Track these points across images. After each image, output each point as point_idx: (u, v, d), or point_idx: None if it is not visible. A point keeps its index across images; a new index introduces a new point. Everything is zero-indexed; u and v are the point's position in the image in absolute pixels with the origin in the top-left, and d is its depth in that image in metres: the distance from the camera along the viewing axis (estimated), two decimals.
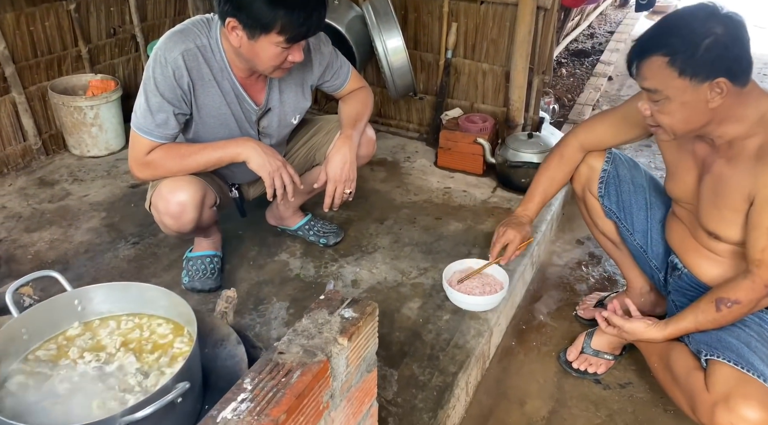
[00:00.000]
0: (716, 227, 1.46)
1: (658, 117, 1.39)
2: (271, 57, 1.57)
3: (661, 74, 1.32)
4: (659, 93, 1.35)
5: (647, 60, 1.34)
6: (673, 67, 1.30)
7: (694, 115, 1.35)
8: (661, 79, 1.33)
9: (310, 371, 0.83)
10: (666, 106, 1.36)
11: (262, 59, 1.58)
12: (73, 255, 2.19)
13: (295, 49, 1.58)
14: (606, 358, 1.80)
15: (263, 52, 1.56)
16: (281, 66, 1.62)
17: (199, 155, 1.68)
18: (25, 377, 1.15)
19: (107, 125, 2.87)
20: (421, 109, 3.08)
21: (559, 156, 1.84)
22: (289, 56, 1.59)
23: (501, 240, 1.85)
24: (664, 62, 1.31)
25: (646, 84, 1.36)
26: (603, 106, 3.69)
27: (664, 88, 1.33)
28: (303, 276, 2.09)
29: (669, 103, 1.35)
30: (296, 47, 1.58)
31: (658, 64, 1.32)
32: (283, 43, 1.55)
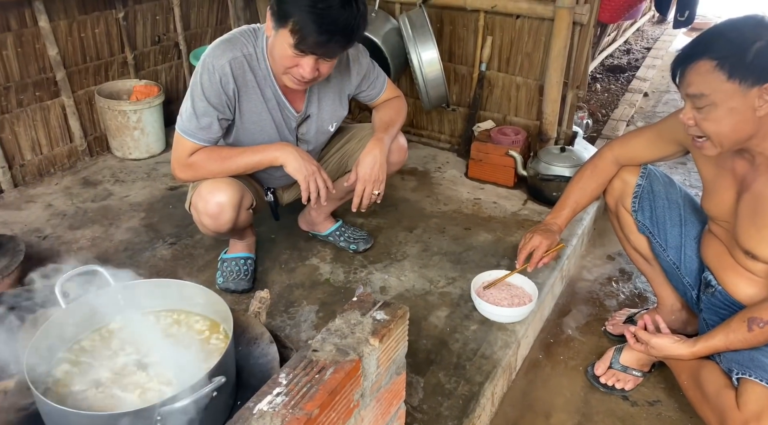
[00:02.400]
0: (754, 247, 1.44)
1: (703, 125, 1.37)
2: (282, 56, 1.59)
3: (709, 78, 1.30)
4: (705, 98, 1.32)
5: (694, 64, 1.32)
6: (722, 70, 1.29)
7: (741, 123, 1.33)
8: (708, 83, 1.31)
9: (343, 369, 0.86)
10: (712, 112, 1.34)
11: (276, 56, 1.61)
12: (113, 253, 2.27)
13: (306, 61, 1.58)
14: (634, 375, 1.79)
15: (278, 48, 1.59)
16: (290, 72, 1.63)
17: (239, 158, 1.74)
18: (70, 365, 1.21)
19: (149, 129, 2.97)
20: (453, 121, 3.11)
21: (593, 167, 1.85)
22: (299, 67, 1.60)
23: (527, 246, 1.85)
24: (711, 66, 1.30)
25: (692, 89, 1.35)
26: (638, 122, 3.66)
27: (710, 92, 1.31)
28: (332, 280, 2.13)
29: (715, 110, 1.33)
30: (307, 60, 1.58)
31: (706, 68, 1.30)
32: (293, 47, 1.55)
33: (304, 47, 1.55)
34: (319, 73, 1.64)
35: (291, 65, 1.62)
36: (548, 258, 1.88)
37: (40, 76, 2.69)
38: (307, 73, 1.61)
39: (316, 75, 1.64)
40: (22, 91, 2.64)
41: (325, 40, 1.53)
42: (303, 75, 1.62)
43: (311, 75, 1.62)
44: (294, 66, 1.62)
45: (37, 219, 2.48)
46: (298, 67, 1.61)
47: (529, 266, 1.87)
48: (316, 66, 1.62)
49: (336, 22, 1.52)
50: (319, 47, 1.56)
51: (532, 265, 1.86)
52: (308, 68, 1.60)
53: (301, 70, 1.61)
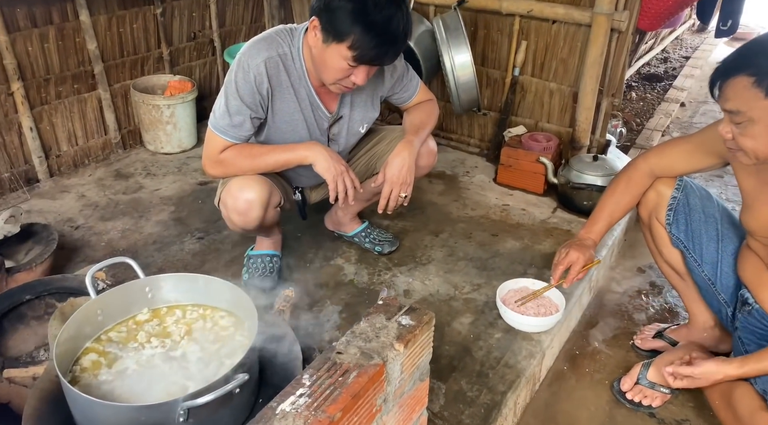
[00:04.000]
0: None
1: (740, 140, 1.35)
2: (336, 69, 1.61)
3: (746, 95, 1.28)
4: (742, 114, 1.30)
5: (731, 80, 1.30)
6: (759, 87, 1.26)
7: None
8: (746, 100, 1.28)
9: (366, 373, 0.85)
10: (749, 128, 1.31)
11: (328, 68, 1.63)
12: (143, 245, 2.30)
13: (360, 70, 1.61)
14: (662, 392, 1.74)
15: (330, 60, 1.61)
16: (342, 82, 1.65)
17: (269, 156, 1.75)
18: (97, 355, 1.23)
19: (181, 124, 3.01)
20: (484, 125, 3.08)
21: (627, 179, 1.80)
22: (353, 76, 1.62)
23: (564, 261, 1.81)
24: (749, 83, 1.27)
25: (729, 105, 1.32)
26: (674, 132, 3.58)
27: (747, 109, 1.29)
28: (357, 282, 2.13)
29: (752, 126, 1.30)
30: (362, 69, 1.61)
31: (743, 85, 1.28)
32: (351, 60, 1.58)
33: (362, 61, 1.59)
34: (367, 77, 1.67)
35: (344, 76, 1.65)
36: (583, 274, 1.83)
37: (78, 69, 2.75)
38: (360, 81, 1.65)
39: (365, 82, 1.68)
40: (61, 83, 2.70)
41: (384, 51, 1.58)
42: (356, 82, 1.65)
43: (365, 81, 1.66)
44: (346, 76, 1.64)
45: (70, 209, 2.53)
46: (352, 76, 1.64)
47: (566, 282, 1.82)
48: (370, 73, 1.65)
49: (395, 33, 1.57)
50: (377, 59, 1.61)
51: (569, 282, 1.81)
52: (363, 76, 1.64)
53: (355, 79, 1.64)
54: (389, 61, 1.68)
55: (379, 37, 1.54)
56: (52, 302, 1.71)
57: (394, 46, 1.60)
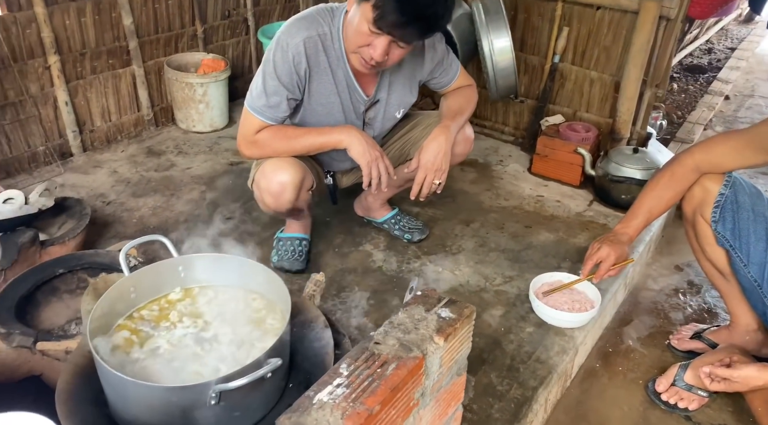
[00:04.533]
0: None
1: None
2: (358, 32, 1.54)
3: None
4: None
5: None
6: None
7: None
8: None
9: (406, 366, 0.82)
10: None
11: (352, 29, 1.56)
12: (173, 223, 2.31)
13: (379, 42, 1.53)
14: (700, 395, 1.68)
15: (356, 21, 1.54)
16: (360, 51, 1.58)
17: (304, 138, 1.72)
18: (130, 333, 1.22)
19: (214, 103, 3.00)
20: (519, 113, 3.01)
21: (671, 174, 1.73)
22: (371, 47, 1.55)
23: (594, 256, 1.76)
24: None
25: None
26: (716, 126, 3.46)
27: None
28: (385, 269, 2.10)
29: None
30: (381, 41, 1.53)
31: None
32: (372, 24, 1.50)
33: (382, 25, 1.50)
34: (388, 58, 1.59)
35: (363, 43, 1.57)
36: (615, 271, 1.78)
37: (114, 44, 2.75)
38: (377, 55, 1.56)
39: (385, 59, 1.59)
40: (96, 58, 2.70)
41: (405, 21, 1.48)
42: (372, 56, 1.57)
43: (381, 58, 1.57)
44: (366, 45, 1.57)
45: (102, 184, 2.54)
46: (370, 46, 1.56)
47: (595, 277, 1.78)
48: (388, 50, 1.56)
49: (423, 9, 1.48)
50: (397, 29, 1.51)
51: (598, 277, 1.77)
52: (380, 49, 1.55)
53: (372, 51, 1.56)
54: (410, 38, 1.55)
55: (405, 5, 1.45)
56: (84, 277, 1.71)
57: (418, 23, 1.50)
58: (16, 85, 2.45)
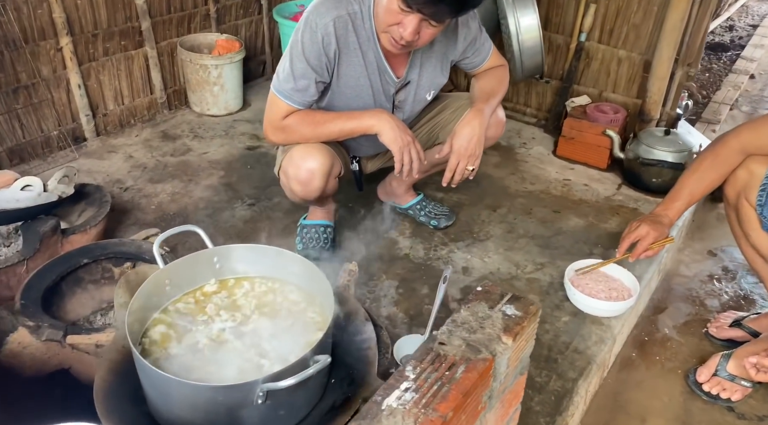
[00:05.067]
0: None
1: None
2: (387, 10, 1.47)
3: None
4: None
5: None
6: None
7: None
8: None
9: (476, 368, 0.77)
10: None
11: (382, 7, 1.49)
12: (193, 210, 2.25)
13: (410, 20, 1.45)
14: (743, 385, 1.64)
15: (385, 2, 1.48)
16: (390, 30, 1.51)
17: (333, 124, 1.65)
18: (166, 328, 1.17)
19: (228, 85, 2.92)
20: (542, 93, 2.93)
21: (714, 156, 1.67)
22: (401, 26, 1.47)
23: (633, 234, 1.73)
24: None
25: None
26: (742, 106, 3.38)
27: None
28: (412, 256, 2.05)
29: None
30: (412, 19, 1.45)
31: None
32: (402, 2, 1.43)
33: (412, 2, 1.43)
34: (419, 37, 1.52)
35: (393, 22, 1.50)
36: (653, 251, 1.74)
37: (126, 24, 2.66)
38: (407, 34, 1.48)
39: (416, 38, 1.52)
40: (108, 39, 2.62)
41: (443, 4, 1.41)
42: (403, 35, 1.50)
43: (411, 37, 1.50)
44: (396, 23, 1.50)
45: (118, 170, 2.48)
46: (400, 25, 1.49)
47: (632, 256, 1.74)
48: (419, 28, 1.49)
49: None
50: (428, 6, 1.43)
51: (635, 256, 1.73)
52: (410, 28, 1.47)
53: (402, 30, 1.49)
54: (442, 16, 1.47)
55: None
56: (108, 266, 1.67)
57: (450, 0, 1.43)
58: (29, 68, 2.38)
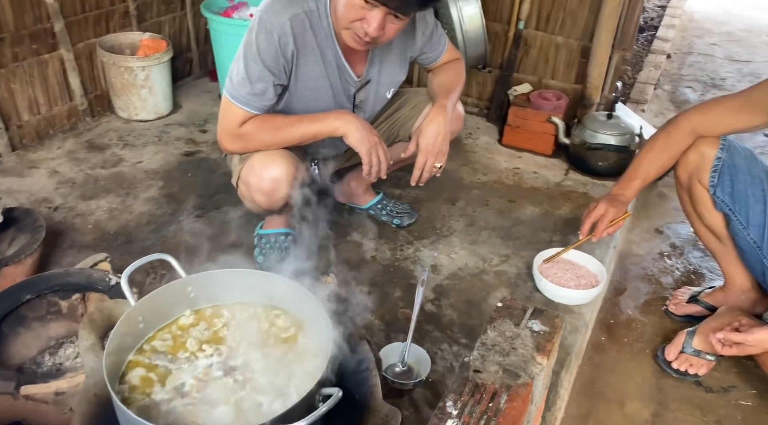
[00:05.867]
0: None
1: None
2: (349, 5, 1.40)
3: None
4: None
5: None
6: None
7: None
8: None
9: (519, 395, 0.73)
10: None
11: (342, 4, 1.42)
12: (135, 226, 2.08)
13: (374, 15, 1.39)
14: (708, 359, 1.71)
15: None
16: (353, 26, 1.44)
17: (296, 128, 1.56)
18: (145, 370, 1.06)
19: (157, 88, 2.73)
20: (482, 83, 2.93)
21: (666, 136, 1.72)
22: (365, 22, 1.41)
23: (592, 214, 1.76)
24: None
25: None
26: (665, 85, 3.55)
27: None
28: (379, 258, 1.99)
29: None
30: (376, 14, 1.39)
31: None
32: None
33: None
34: (384, 32, 1.45)
35: (356, 18, 1.42)
36: (613, 228, 1.78)
37: (36, 26, 2.42)
38: (372, 30, 1.41)
39: (381, 34, 1.45)
40: (17, 43, 2.37)
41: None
42: (367, 31, 1.42)
43: (376, 32, 1.43)
44: (359, 19, 1.42)
45: (43, 188, 2.26)
46: (364, 21, 1.41)
47: (594, 236, 1.77)
48: (384, 23, 1.42)
49: None
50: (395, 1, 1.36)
51: (598, 235, 1.76)
52: (375, 23, 1.40)
53: (366, 26, 1.41)
54: (408, 9, 1.42)
55: None
56: (54, 300, 1.50)
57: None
58: None
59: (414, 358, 1.54)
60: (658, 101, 3.40)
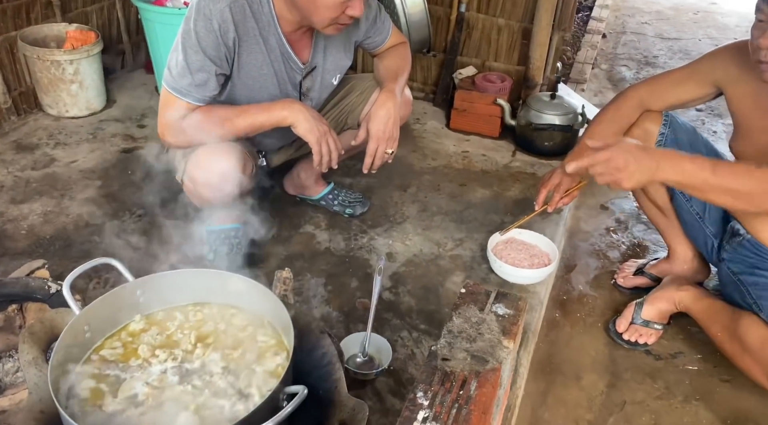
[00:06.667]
0: None
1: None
2: (329, 7, 1.40)
3: None
4: None
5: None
6: None
7: None
8: None
9: (488, 381, 0.73)
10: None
11: (319, 9, 1.40)
12: (74, 229, 1.98)
13: (356, 1, 1.41)
14: (656, 328, 1.78)
15: (321, 1, 1.39)
16: (338, 20, 1.44)
17: (241, 119, 1.50)
18: (95, 381, 1.00)
19: (88, 82, 2.59)
20: (427, 67, 2.93)
21: (615, 109, 1.76)
22: (348, 9, 1.42)
23: (547, 184, 1.78)
24: None
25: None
26: (602, 65, 3.64)
27: None
28: (333, 249, 1.96)
29: None
30: None
31: None
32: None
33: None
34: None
35: (339, 13, 1.43)
36: (568, 198, 1.81)
37: None
38: (359, 11, 1.44)
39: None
40: None
41: None
42: (354, 14, 1.45)
43: (362, 11, 1.46)
44: (342, 12, 1.44)
45: None
46: (350, 8, 1.43)
47: (550, 206, 1.80)
48: None
49: None
50: None
51: (553, 205, 1.79)
52: (360, 4, 1.44)
53: (352, 10, 1.44)
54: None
55: None
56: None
57: None
58: None
59: (375, 348, 1.53)
60: (597, 80, 3.49)
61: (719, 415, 1.57)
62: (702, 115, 3.19)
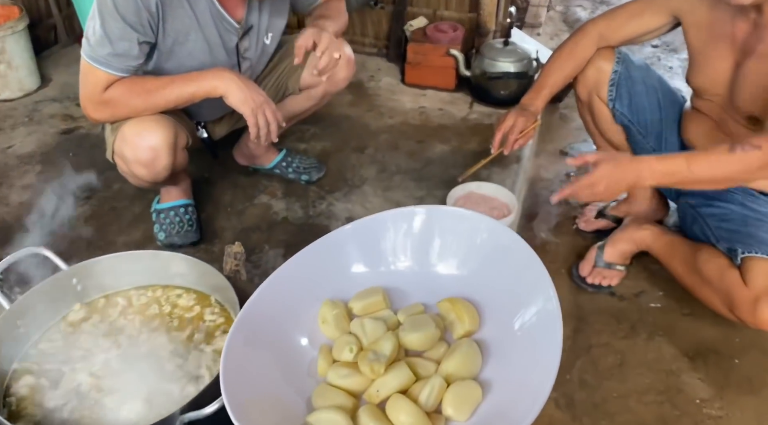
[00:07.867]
0: (763, 109, 1.40)
1: None
2: None
3: None
4: None
5: None
6: None
7: None
8: None
9: None
10: None
11: None
12: (16, 218, 1.88)
13: None
14: (618, 269, 1.78)
15: None
16: None
17: (169, 90, 1.41)
18: (34, 377, 0.95)
19: (17, 61, 2.45)
20: (377, 21, 2.82)
21: (573, 44, 1.73)
22: None
23: (502, 127, 1.75)
24: None
25: None
26: (557, 6, 3.57)
27: None
28: (291, 218, 1.91)
29: None
30: None
31: None
32: None
33: None
34: None
35: None
36: (524, 139, 1.78)
37: None
38: None
39: None
40: None
41: None
42: None
43: None
44: None
45: None
46: None
47: (506, 149, 1.77)
48: None
49: None
50: None
51: (509, 147, 1.76)
52: None
53: None
54: None
55: None
56: None
57: None
58: None
59: None
60: (552, 23, 3.42)
61: (681, 348, 1.59)
62: (657, 51, 3.17)
